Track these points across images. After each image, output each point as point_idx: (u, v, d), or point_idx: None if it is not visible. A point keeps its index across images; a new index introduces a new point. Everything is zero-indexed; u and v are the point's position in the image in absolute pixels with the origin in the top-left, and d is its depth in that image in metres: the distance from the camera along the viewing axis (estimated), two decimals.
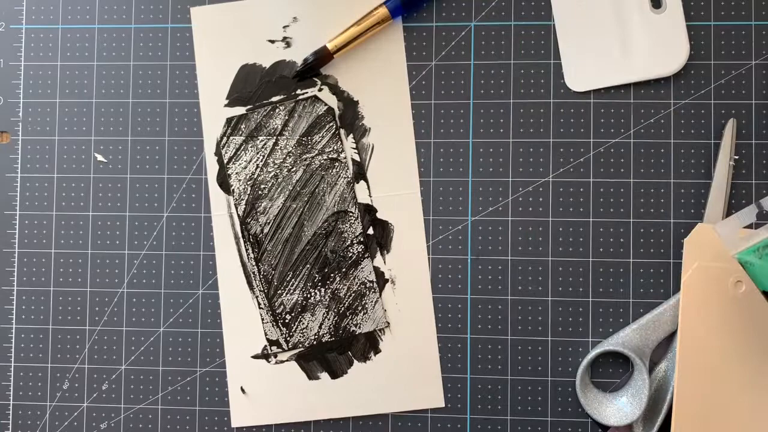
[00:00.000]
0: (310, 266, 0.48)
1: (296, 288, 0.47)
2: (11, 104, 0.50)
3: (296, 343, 0.47)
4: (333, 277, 0.47)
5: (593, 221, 0.47)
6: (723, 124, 0.47)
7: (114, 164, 0.49)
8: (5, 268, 0.49)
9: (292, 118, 0.48)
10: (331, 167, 0.48)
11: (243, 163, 0.48)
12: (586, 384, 0.46)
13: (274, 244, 0.48)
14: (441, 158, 0.48)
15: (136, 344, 0.49)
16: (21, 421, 0.49)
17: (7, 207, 0.49)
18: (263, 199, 0.48)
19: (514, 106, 0.48)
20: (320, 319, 0.47)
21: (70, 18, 0.50)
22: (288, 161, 0.48)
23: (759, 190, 0.46)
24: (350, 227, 0.47)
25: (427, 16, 0.48)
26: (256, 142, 0.48)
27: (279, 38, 0.48)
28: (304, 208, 0.48)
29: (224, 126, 0.48)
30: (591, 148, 0.47)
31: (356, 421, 0.47)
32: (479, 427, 0.47)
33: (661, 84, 0.47)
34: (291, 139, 0.48)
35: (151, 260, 0.49)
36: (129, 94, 0.49)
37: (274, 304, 0.47)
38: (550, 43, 0.48)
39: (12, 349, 0.49)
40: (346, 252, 0.47)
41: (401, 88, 0.48)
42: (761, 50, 0.47)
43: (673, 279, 0.47)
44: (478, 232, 0.47)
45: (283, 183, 0.48)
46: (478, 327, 0.47)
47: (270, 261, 0.48)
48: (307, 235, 0.48)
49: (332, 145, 0.48)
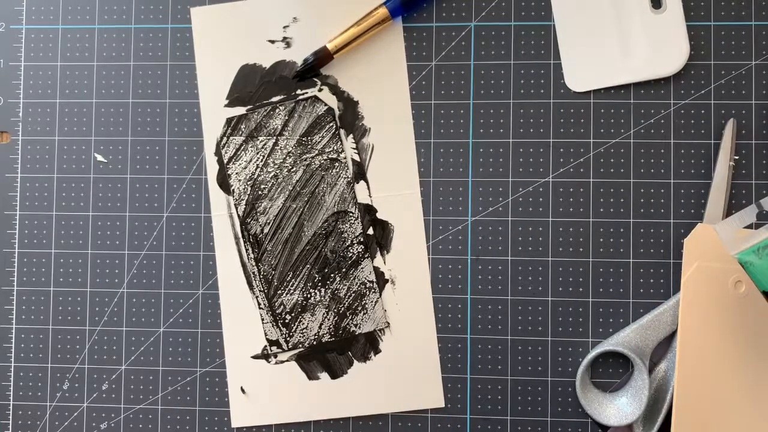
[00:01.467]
0: (310, 266, 0.48)
1: (296, 288, 0.47)
2: (11, 104, 0.50)
3: (296, 344, 0.47)
4: (333, 277, 0.47)
5: (593, 221, 0.47)
6: (723, 124, 0.47)
7: (114, 164, 0.49)
8: (5, 268, 0.49)
9: (292, 118, 0.48)
10: (331, 167, 0.48)
11: (243, 163, 0.48)
12: (586, 384, 0.46)
13: (274, 244, 0.48)
14: (441, 158, 0.48)
15: (136, 344, 0.49)
16: (21, 421, 0.49)
17: (7, 207, 0.49)
18: (263, 199, 0.48)
19: (514, 106, 0.48)
20: (320, 319, 0.47)
21: (70, 18, 0.50)
22: (288, 161, 0.48)
23: (759, 190, 0.46)
24: (350, 227, 0.47)
25: (427, 16, 0.48)
26: (256, 142, 0.48)
27: (279, 38, 0.48)
28: (304, 208, 0.48)
29: (224, 126, 0.48)
30: (591, 148, 0.47)
31: (356, 421, 0.47)
32: (479, 427, 0.47)
33: (661, 84, 0.47)
34: (291, 139, 0.48)
35: (151, 260, 0.49)
36: (129, 94, 0.49)
37: (274, 305, 0.47)
38: (550, 43, 0.48)
39: (12, 349, 0.49)
40: (346, 252, 0.47)
41: (401, 88, 0.48)
42: (761, 50, 0.47)
43: (673, 279, 0.47)
44: (478, 232, 0.47)
45: (283, 183, 0.48)
46: (478, 327, 0.47)
47: (270, 261, 0.48)
48: (307, 235, 0.47)
49: (332, 145, 0.48)
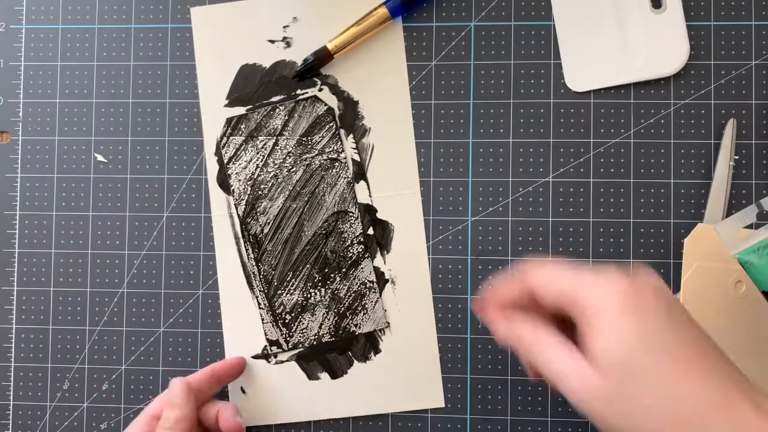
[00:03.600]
0: (310, 266, 0.47)
1: (296, 288, 0.47)
2: (11, 104, 0.50)
3: (296, 344, 0.47)
4: (333, 277, 0.47)
5: (593, 221, 0.47)
6: (723, 124, 0.46)
7: (114, 164, 0.49)
8: (5, 268, 0.49)
9: (292, 118, 0.48)
10: (331, 167, 0.47)
11: (243, 163, 0.48)
12: None
13: (274, 244, 0.48)
14: (441, 158, 0.48)
15: (136, 344, 0.49)
16: (21, 421, 0.49)
17: (7, 207, 0.49)
18: (263, 199, 0.48)
19: (514, 106, 0.48)
20: (320, 319, 0.47)
21: (70, 18, 0.50)
22: (288, 161, 0.48)
23: (759, 190, 0.46)
24: (350, 227, 0.47)
25: (427, 16, 0.48)
26: (256, 142, 0.48)
27: (279, 38, 0.48)
28: (304, 208, 0.48)
29: (224, 126, 0.48)
30: (591, 148, 0.47)
31: (356, 421, 0.47)
32: (479, 427, 0.47)
33: (661, 84, 0.47)
34: (291, 139, 0.48)
35: (151, 260, 0.49)
36: (129, 94, 0.49)
37: (274, 305, 0.47)
38: (550, 43, 0.48)
39: (12, 349, 0.49)
40: (346, 252, 0.47)
41: (401, 88, 0.48)
42: (761, 50, 0.47)
43: (673, 279, 0.47)
44: (478, 232, 0.47)
45: (283, 183, 0.48)
46: (478, 327, 0.47)
47: (270, 261, 0.48)
48: (307, 235, 0.47)
49: (332, 145, 0.48)
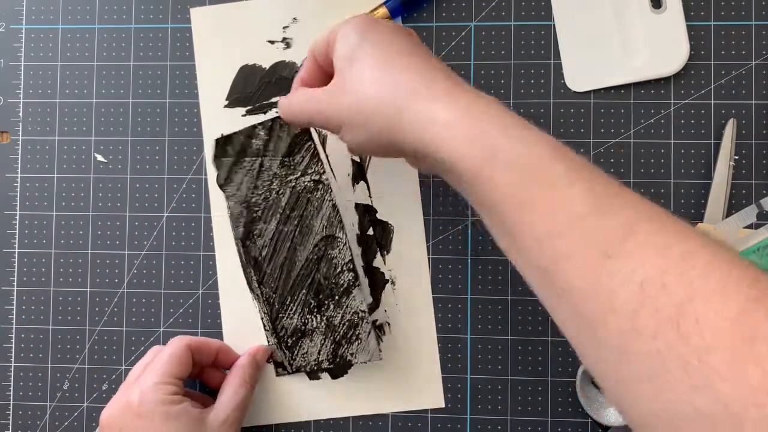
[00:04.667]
0: (306, 292, 0.46)
1: (295, 313, 0.46)
2: (11, 104, 0.50)
3: (299, 367, 0.47)
4: (327, 304, 0.46)
5: None
6: (723, 124, 0.46)
7: (114, 164, 0.49)
8: (5, 268, 0.49)
9: (272, 138, 0.45)
10: (315, 189, 0.45)
11: (236, 185, 0.46)
12: (586, 384, 0.46)
13: (272, 267, 0.46)
14: None
15: (136, 344, 0.49)
16: (21, 421, 0.49)
17: (7, 207, 0.49)
18: (258, 222, 0.46)
19: (514, 106, 0.47)
20: (318, 345, 0.46)
21: (70, 18, 0.50)
22: (275, 183, 0.45)
23: (759, 190, 0.46)
24: (339, 253, 0.45)
25: (427, 16, 0.48)
26: (243, 163, 0.46)
27: (279, 39, 0.48)
28: (295, 233, 0.46)
29: (213, 146, 0.46)
30: (591, 148, 0.47)
31: (356, 421, 0.47)
32: (479, 427, 0.47)
33: (661, 84, 0.47)
34: (274, 161, 0.45)
35: (151, 260, 0.49)
36: (129, 94, 0.49)
37: (277, 327, 0.46)
38: (550, 43, 0.48)
39: (12, 349, 0.49)
40: (337, 279, 0.45)
41: None
42: (761, 50, 0.47)
43: None
44: (478, 232, 0.47)
45: (274, 206, 0.46)
46: (478, 327, 0.47)
47: (270, 284, 0.46)
48: (300, 260, 0.46)
49: (313, 166, 0.45)
